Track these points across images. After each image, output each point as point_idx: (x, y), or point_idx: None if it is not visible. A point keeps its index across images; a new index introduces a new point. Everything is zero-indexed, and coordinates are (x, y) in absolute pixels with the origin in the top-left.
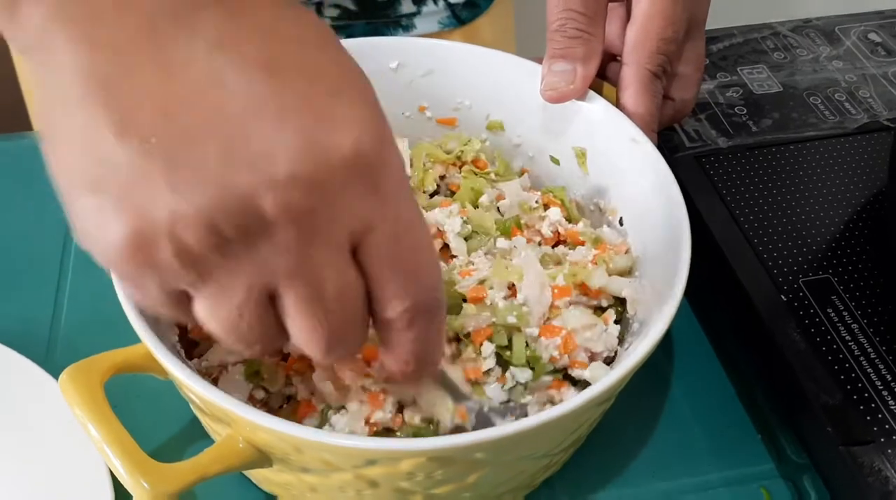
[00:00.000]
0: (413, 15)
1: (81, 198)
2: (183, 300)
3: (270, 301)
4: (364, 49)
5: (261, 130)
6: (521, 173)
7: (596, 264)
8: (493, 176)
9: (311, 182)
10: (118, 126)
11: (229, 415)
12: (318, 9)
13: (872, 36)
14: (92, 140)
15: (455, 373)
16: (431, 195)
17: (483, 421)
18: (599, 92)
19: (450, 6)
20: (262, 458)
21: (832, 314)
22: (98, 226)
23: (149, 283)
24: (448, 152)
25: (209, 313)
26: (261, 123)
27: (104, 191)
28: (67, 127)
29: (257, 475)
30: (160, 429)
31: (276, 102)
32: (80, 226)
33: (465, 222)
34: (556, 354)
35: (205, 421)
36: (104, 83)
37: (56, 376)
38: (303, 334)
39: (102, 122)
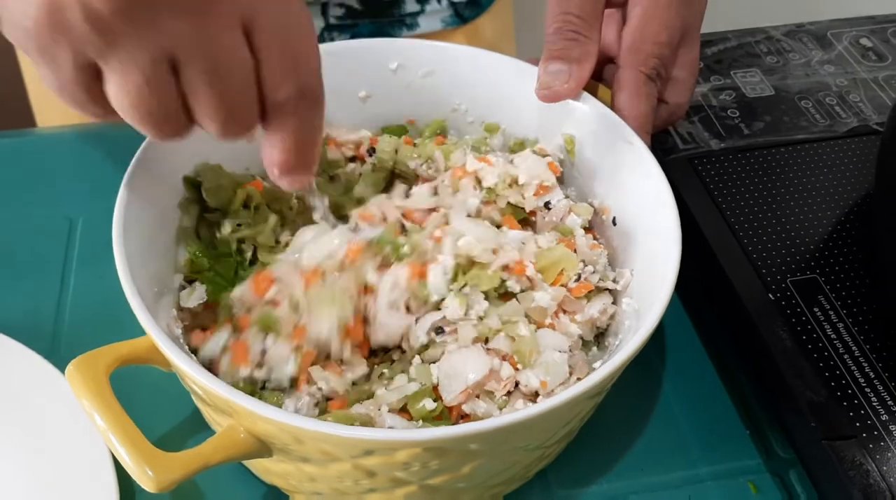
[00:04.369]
0: (417, 14)
1: None
2: (93, 78)
3: (173, 77)
4: (364, 50)
5: None
6: None
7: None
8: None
9: None
10: None
11: (231, 405)
12: (324, 8)
13: (864, 41)
14: None
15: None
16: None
17: None
18: (594, 94)
19: (453, 5)
20: (263, 448)
21: (818, 313)
22: (17, 5)
23: (62, 54)
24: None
25: (119, 86)
26: None
27: None
28: None
29: (257, 466)
30: (163, 420)
31: None
32: (6, 14)
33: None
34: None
35: (206, 412)
36: None
37: (61, 368)
38: (203, 107)
39: None
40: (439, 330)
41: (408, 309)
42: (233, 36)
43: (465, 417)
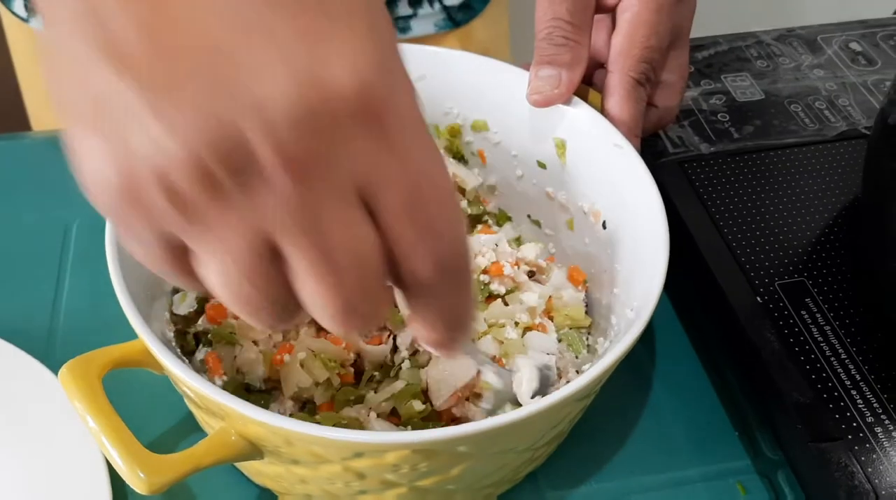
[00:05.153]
0: (409, 17)
1: (76, 137)
2: (181, 256)
3: (276, 260)
4: None
5: (249, 57)
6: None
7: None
8: None
9: (300, 122)
10: (104, 52)
11: (223, 408)
12: None
13: (853, 45)
14: (81, 71)
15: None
16: None
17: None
18: (585, 99)
19: (445, 8)
20: (254, 450)
21: (805, 316)
22: (90, 167)
23: (143, 229)
24: None
25: (215, 272)
26: (249, 50)
27: (94, 128)
28: (59, 57)
29: (249, 468)
30: (155, 422)
31: (265, 25)
32: (78, 166)
33: None
34: None
35: (198, 415)
36: (92, 9)
37: (55, 370)
38: (314, 299)
39: (90, 48)
40: None
41: (385, 329)
42: (347, 215)
43: (455, 420)
